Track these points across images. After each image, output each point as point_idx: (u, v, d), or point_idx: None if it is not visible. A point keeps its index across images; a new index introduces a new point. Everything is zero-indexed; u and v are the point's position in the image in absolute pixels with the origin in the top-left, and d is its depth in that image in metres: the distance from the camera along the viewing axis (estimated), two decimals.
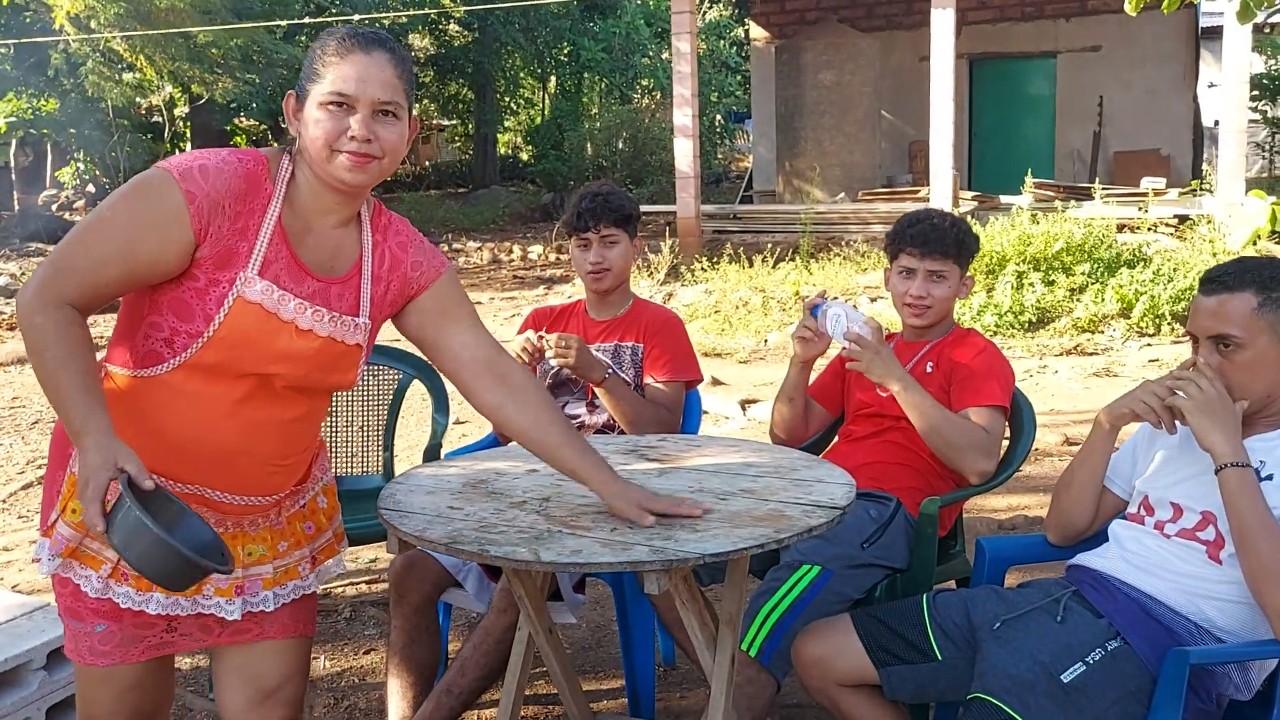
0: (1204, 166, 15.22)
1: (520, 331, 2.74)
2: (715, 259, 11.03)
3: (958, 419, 2.49)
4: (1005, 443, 2.64)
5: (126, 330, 1.71)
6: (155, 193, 1.60)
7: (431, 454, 3.12)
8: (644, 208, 10.83)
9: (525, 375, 1.91)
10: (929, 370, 2.62)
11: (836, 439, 2.83)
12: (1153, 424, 1.98)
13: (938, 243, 2.60)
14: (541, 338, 2.63)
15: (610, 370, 2.71)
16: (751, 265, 10.57)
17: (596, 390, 2.70)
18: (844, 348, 2.51)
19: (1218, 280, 1.96)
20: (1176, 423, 1.94)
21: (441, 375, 3.42)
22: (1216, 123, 13.46)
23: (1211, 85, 16.74)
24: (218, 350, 1.65)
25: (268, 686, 1.85)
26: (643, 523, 1.76)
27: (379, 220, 1.83)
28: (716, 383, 6.95)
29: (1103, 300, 8.34)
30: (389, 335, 2.02)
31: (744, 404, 6.34)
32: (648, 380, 2.80)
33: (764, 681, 2.26)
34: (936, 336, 2.69)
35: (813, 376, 2.88)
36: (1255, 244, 8.95)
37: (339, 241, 1.76)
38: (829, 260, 10.80)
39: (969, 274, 2.70)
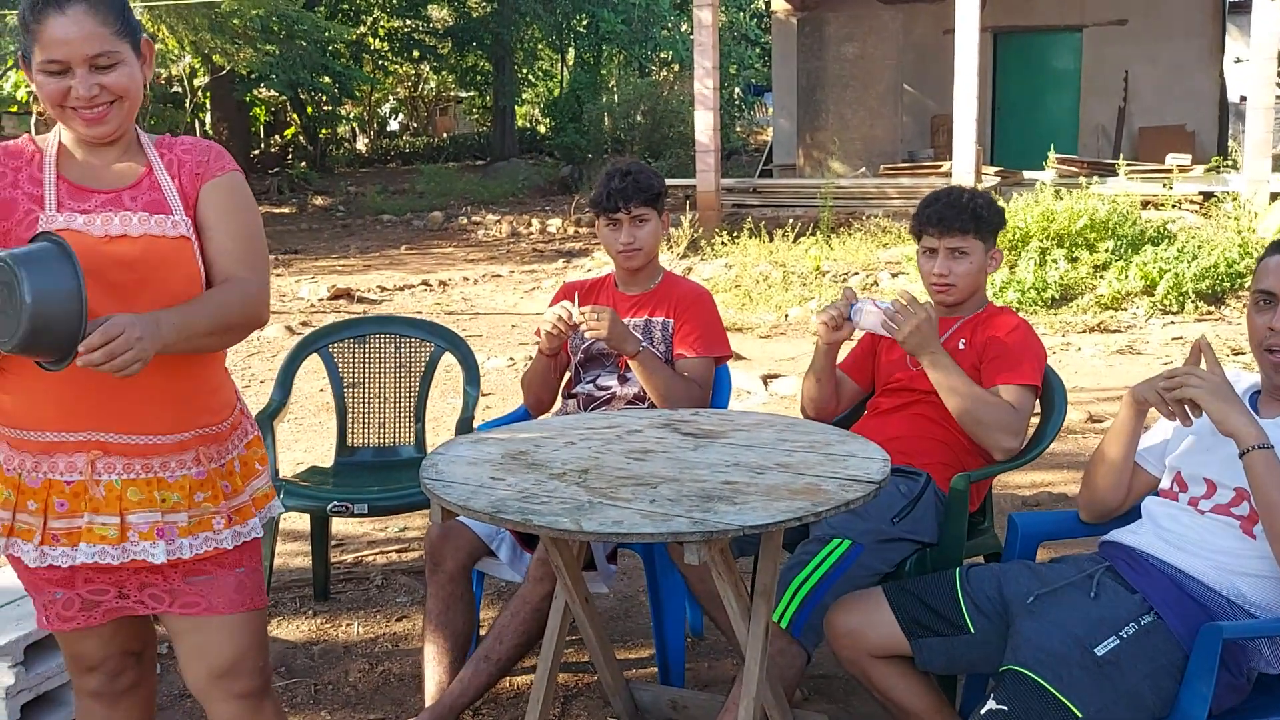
0: (1230, 143, 15.04)
1: (552, 304, 2.76)
2: (735, 233, 11.01)
3: (988, 396, 2.51)
4: (1035, 419, 2.65)
5: None
6: None
7: (464, 426, 3.16)
8: None
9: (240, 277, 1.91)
10: (961, 347, 2.63)
11: (865, 413, 2.84)
12: (1164, 415, 1.99)
13: (954, 219, 2.61)
14: (574, 311, 2.65)
15: (643, 345, 2.73)
16: (771, 240, 10.55)
17: (630, 363, 2.72)
18: (888, 313, 2.51)
19: None
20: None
21: (471, 348, 3.49)
22: (1243, 98, 13.28)
23: (1238, 60, 16.51)
24: None
25: (223, 663, 1.88)
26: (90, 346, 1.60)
27: (163, 141, 1.88)
28: (738, 357, 6.97)
29: (1126, 278, 8.30)
30: (416, 307, 2.04)
31: (765, 379, 6.36)
32: (678, 355, 2.82)
33: (795, 653, 2.29)
34: (969, 313, 2.69)
35: (842, 354, 2.90)
36: None
37: (123, 161, 1.82)
38: (850, 235, 10.77)
39: (997, 248, 2.71)
